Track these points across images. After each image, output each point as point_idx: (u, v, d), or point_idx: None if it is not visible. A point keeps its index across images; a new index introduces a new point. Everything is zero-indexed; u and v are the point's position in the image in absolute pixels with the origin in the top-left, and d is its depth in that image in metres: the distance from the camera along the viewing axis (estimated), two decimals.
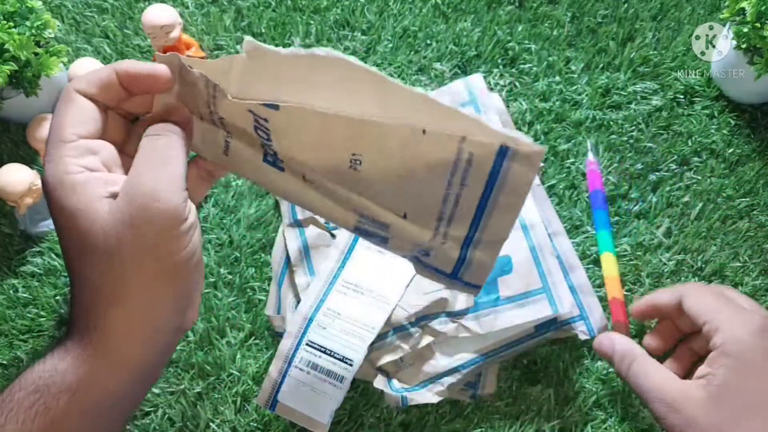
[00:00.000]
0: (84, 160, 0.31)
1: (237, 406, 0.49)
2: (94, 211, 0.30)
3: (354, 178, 0.34)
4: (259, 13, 0.62)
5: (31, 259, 0.54)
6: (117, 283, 0.30)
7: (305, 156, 0.35)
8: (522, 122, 0.57)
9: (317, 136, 0.33)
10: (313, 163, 0.35)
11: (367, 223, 0.36)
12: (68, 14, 0.62)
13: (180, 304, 0.33)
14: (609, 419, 0.49)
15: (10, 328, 0.52)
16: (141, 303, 0.31)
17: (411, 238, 0.35)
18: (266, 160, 0.37)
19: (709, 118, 0.58)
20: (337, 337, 0.46)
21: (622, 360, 0.44)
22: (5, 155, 0.57)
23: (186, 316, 0.34)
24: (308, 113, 0.32)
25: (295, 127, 0.33)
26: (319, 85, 0.31)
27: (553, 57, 0.60)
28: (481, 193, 0.32)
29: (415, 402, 0.47)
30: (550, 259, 0.48)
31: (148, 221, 0.29)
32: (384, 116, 0.31)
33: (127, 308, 0.31)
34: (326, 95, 0.31)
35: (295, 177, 0.36)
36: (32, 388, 0.31)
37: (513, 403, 0.49)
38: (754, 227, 0.54)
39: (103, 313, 0.31)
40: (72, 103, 0.32)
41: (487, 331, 0.46)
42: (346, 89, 0.30)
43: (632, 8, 0.61)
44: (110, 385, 0.32)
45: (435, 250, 0.35)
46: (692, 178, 0.56)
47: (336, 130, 0.32)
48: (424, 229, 0.34)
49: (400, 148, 0.32)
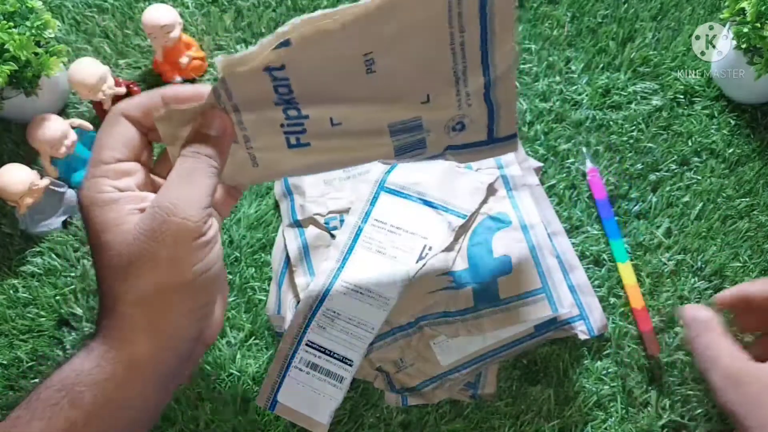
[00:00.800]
0: (118, 182, 0.35)
1: (237, 407, 0.49)
2: (122, 224, 0.33)
3: (374, 84, 0.37)
4: (259, 13, 0.62)
5: (31, 259, 0.54)
6: (136, 291, 0.33)
7: (327, 85, 0.36)
8: (522, 122, 0.57)
9: (332, 52, 0.35)
10: (336, 86, 0.37)
11: (402, 135, 0.39)
12: (68, 14, 0.62)
13: (197, 315, 0.35)
14: (609, 419, 0.49)
15: (10, 328, 0.52)
16: (157, 310, 0.33)
17: (443, 119, 0.39)
18: (291, 145, 0.39)
19: (709, 118, 0.58)
20: (337, 338, 0.46)
21: (693, 324, 0.43)
22: (5, 155, 0.57)
23: (206, 328, 0.37)
24: (317, 33, 0.34)
25: (310, 56, 0.35)
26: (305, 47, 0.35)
27: (553, 57, 0.60)
28: (479, 32, 0.36)
29: (414, 402, 0.47)
30: (550, 258, 0.48)
31: (166, 233, 0.32)
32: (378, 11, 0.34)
33: (144, 314, 0.33)
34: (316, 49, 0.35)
35: (323, 139, 0.39)
36: (58, 386, 0.33)
37: (513, 403, 0.49)
38: (754, 227, 0.54)
39: (122, 317, 0.33)
40: (116, 125, 0.35)
41: (487, 331, 0.46)
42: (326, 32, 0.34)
43: (632, 8, 0.61)
44: (130, 385, 0.34)
45: (467, 117, 0.39)
46: (692, 178, 0.56)
47: (343, 39, 0.34)
48: (449, 101, 0.38)
49: (399, 24, 0.34)
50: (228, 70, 0.34)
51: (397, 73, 0.36)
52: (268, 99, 0.36)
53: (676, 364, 0.51)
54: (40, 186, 0.52)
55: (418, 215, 0.50)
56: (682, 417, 0.49)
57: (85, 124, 0.56)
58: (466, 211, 0.49)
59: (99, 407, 0.33)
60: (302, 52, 0.35)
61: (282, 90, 0.36)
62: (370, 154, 0.40)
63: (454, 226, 0.49)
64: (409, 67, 0.37)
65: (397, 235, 0.49)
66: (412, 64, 0.36)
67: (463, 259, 0.48)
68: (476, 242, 0.48)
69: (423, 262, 0.48)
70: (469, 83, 0.38)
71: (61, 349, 0.51)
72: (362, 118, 0.38)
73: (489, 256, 0.48)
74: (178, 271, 0.33)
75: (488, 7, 0.35)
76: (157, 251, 0.32)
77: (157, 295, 0.33)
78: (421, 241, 0.49)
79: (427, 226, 0.49)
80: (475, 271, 0.48)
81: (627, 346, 0.51)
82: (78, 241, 0.55)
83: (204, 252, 0.34)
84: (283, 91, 0.36)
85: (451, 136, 0.40)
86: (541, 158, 0.56)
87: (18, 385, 0.50)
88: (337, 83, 0.36)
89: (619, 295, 0.52)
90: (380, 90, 0.37)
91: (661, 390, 0.50)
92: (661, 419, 0.49)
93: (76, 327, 0.52)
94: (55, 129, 0.52)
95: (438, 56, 0.36)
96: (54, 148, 0.53)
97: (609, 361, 0.51)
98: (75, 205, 0.56)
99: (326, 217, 0.51)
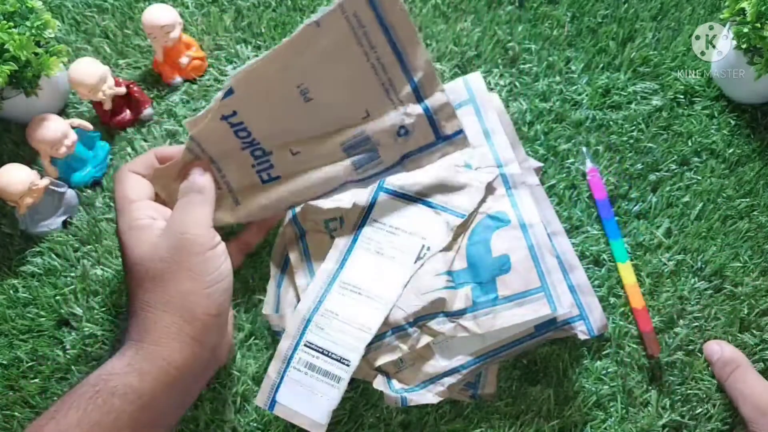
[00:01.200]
0: (149, 212, 0.43)
1: (237, 406, 0.49)
2: (148, 245, 0.40)
3: (315, 111, 0.43)
4: (259, 13, 0.62)
5: (31, 259, 0.54)
6: (162, 298, 0.39)
7: (276, 120, 0.43)
8: (522, 122, 0.57)
9: (270, 90, 0.41)
10: (284, 120, 0.43)
11: (354, 150, 0.45)
12: (68, 14, 0.62)
13: (216, 321, 0.41)
14: (609, 419, 0.49)
15: (10, 328, 0.52)
16: (180, 314, 0.39)
17: (387, 128, 0.44)
18: (264, 181, 0.46)
19: (709, 119, 0.58)
20: (335, 338, 0.46)
21: (726, 365, 0.49)
22: (5, 155, 0.57)
23: (221, 343, 0.43)
24: (251, 76, 0.41)
25: (253, 98, 0.42)
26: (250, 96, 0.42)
27: (553, 57, 0.60)
28: (388, 45, 0.41)
29: (414, 402, 0.47)
30: (549, 258, 0.48)
31: (181, 247, 0.40)
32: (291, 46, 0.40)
33: (169, 318, 0.39)
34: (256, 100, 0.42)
35: (289, 169, 0.45)
36: (94, 382, 0.38)
37: (513, 403, 0.49)
38: (754, 228, 0.54)
39: (149, 321, 0.39)
40: (130, 177, 0.44)
41: (486, 330, 0.46)
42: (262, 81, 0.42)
43: (632, 8, 0.61)
44: (156, 382, 0.38)
45: (407, 122, 0.44)
46: (692, 178, 0.56)
47: (274, 76, 0.41)
48: (386, 110, 0.44)
49: (314, 53, 0.41)
50: (192, 127, 0.42)
51: (330, 96, 0.42)
52: (235, 147, 0.44)
53: (676, 363, 0.51)
54: (40, 186, 0.52)
55: (416, 215, 0.50)
56: (683, 416, 0.49)
57: (85, 124, 0.56)
58: (465, 210, 0.49)
59: (129, 402, 0.37)
60: (246, 96, 0.42)
61: (242, 134, 0.43)
62: (333, 173, 0.45)
63: (453, 226, 0.49)
64: (339, 89, 0.42)
65: (396, 236, 0.49)
66: (341, 85, 0.42)
67: (461, 258, 0.48)
68: (475, 241, 0.48)
69: (421, 262, 0.48)
70: (398, 91, 0.43)
71: (60, 349, 0.51)
72: (315, 143, 0.44)
73: (488, 256, 0.48)
74: (196, 278, 0.39)
75: (385, 20, 0.40)
76: (178, 263, 0.39)
77: (181, 301, 0.39)
78: (420, 241, 0.49)
79: (426, 226, 0.49)
80: (474, 270, 0.48)
81: (627, 346, 0.51)
82: (78, 241, 0.55)
83: (216, 263, 0.41)
84: (243, 135, 0.43)
85: (399, 142, 0.45)
86: (541, 158, 0.56)
87: (18, 385, 0.50)
88: (283, 117, 0.43)
89: (619, 295, 0.52)
90: (322, 115, 0.43)
91: (661, 390, 0.50)
92: (661, 419, 0.49)
93: (76, 327, 0.52)
94: (55, 129, 0.52)
95: (361, 74, 0.42)
96: (54, 148, 0.53)
97: (609, 361, 0.51)
98: (75, 206, 0.56)
99: (326, 219, 0.51)
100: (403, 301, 0.47)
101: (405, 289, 0.47)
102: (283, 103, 0.42)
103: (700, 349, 0.51)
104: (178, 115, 0.58)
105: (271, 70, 0.41)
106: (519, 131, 0.56)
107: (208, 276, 0.40)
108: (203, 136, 0.43)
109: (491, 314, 0.46)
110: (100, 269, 0.53)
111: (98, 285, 0.53)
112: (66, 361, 0.51)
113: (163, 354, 0.39)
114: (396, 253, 0.49)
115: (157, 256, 0.40)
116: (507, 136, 0.52)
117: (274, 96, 0.42)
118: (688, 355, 0.51)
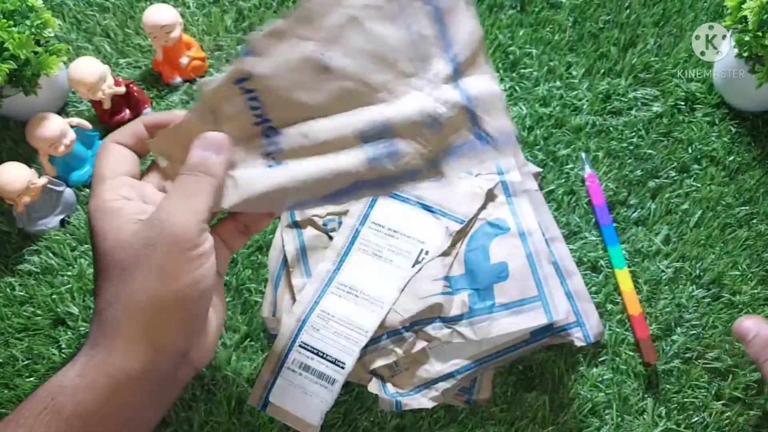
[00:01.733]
0: (122, 190, 0.36)
1: (231, 408, 0.49)
2: (121, 232, 0.34)
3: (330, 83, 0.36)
4: (260, 14, 0.62)
5: (28, 258, 0.54)
6: (126, 297, 0.33)
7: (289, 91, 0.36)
8: (522, 127, 0.57)
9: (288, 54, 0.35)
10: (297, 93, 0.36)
11: (372, 139, 0.36)
12: (69, 13, 0.62)
13: (185, 329, 0.35)
14: (604, 427, 0.49)
15: (6, 327, 0.52)
16: (145, 318, 0.33)
17: (412, 116, 0.35)
18: (269, 165, 0.38)
19: (709, 126, 0.58)
20: (330, 340, 0.46)
21: (764, 346, 0.43)
22: (4, 153, 0.57)
23: (194, 347, 0.36)
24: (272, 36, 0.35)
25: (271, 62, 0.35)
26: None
27: (554, 62, 0.60)
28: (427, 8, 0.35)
29: (409, 407, 0.47)
30: (547, 266, 0.48)
31: (160, 242, 0.33)
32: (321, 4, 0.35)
33: (131, 322, 0.33)
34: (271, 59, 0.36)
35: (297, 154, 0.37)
36: (44, 395, 0.33)
37: (508, 409, 0.49)
38: (753, 236, 0.54)
39: (108, 324, 0.33)
40: (109, 150, 0.37)
41: (482, 337, 0.46)
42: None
43: (634, 14, 0.61)
44: (110, 396, 0.33)
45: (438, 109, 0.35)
46: (692, 185, 0.56)
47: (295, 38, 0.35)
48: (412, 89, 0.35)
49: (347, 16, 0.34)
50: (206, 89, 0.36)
51: (350, 65, 0.35)
52: (246, 122, 0.37)
53: (672, 371, 0.50)
54: (38, 184, 0.52)
55: (415, 219, 0.50)
56: (679, 425, 0.49)
57: (84, 123, 0.56)
58: (464, 216, 0.49)
59: (78, 418, 0.33)
60: (264, 59, 0.35)
61: (254, 105, 0.37)
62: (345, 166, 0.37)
63: (452, 231, 0.49)
64: (361, 59, 0.35)
65: (394, 239, 0.49)
66: (363, 55, 0.35)
67: (459, 264, 0.48)
68: (473, 248, 0.48)
69: (419, 267, 0.48)
70: (431, 68, 0.35)
71: (56, 348, 0.51)
72: (328, 125, 0.37)
73: (486, 263, 0.47)
74: (168, 280, 0.33)
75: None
76: (150, 259, 0.33)
77: (147, 303, 0.33)
78: (418, 245, 0.49)
79: (425, 230, 0.49)
80: (472, 276, 0.47)
81: (624, 353, 0.51)
82: (75, 240, 0.55)
83: (196, 264, 0.34)
84: (255, 106, 0.37)
85: (426, 137, 0.36)
86: (540, 163, 0.56)
87: (13, 384, 0.50)
88: (298, 88, 0.36)
89: (617, 302, 0.52)
90: (338, 89, 0.36)
91: (658, 398, 0.50)
92: (657, 427, 0.49)
93: (72, 326, 0.52)
94: (54, 128, 0.52)
95: (392, 39, 0.35)
96: (53, 147, 0.53)
97: (605, 368, 0.51)
98: (73, 204, 0.56)
99: (324, 219, 0.51)
100: (400, 304, 0.47)
101: (402, 293, 0.47)
102: (299, 73, 0.36)
103: (697, 357, 0.51)
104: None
105: (292, 30, 0.35)
106: (518, 136, 0.56)
107: (181, 278, 0.33)
108: (217, 100, 0.36)
109: (487, 321, 0.46)
110: None
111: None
112: (61, 360, 0.51)
113: (117, 362, 0.33)
114: (394, 256, 0.48)
115: (129, 245, 0.33)
116: None
117: (292, 63, 0.36)
118: (686, 363, 0.50)
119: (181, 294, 0.33)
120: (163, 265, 0.33)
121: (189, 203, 0.35)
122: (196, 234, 0.34)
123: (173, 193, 0.35)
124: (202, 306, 0.35)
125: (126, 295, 0.33)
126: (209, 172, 0.36)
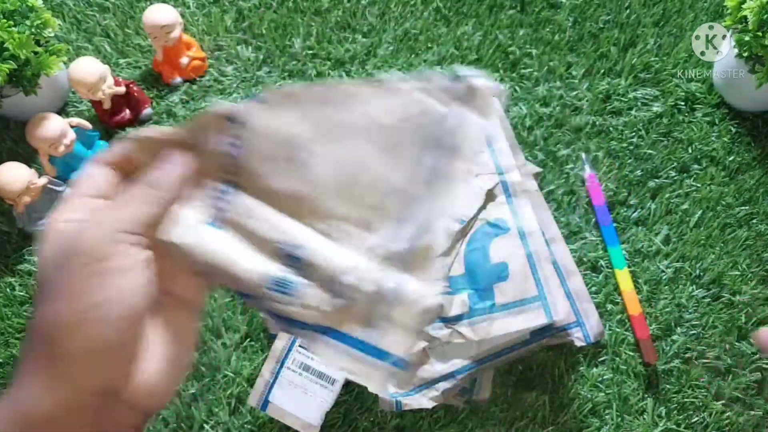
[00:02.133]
0: (73, 214, 0.31)
1: (231, 408, 0.49)
2: (51, 250, 0.29)
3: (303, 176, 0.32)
4: (260, 14, 0.62)
5: (28, 258, 0.54)
6: (36, 325, 0.29)
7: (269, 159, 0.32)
8: (522, 127, 0.57)
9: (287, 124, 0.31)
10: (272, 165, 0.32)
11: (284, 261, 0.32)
12: (69, 13, 0.62)
13: (99, 360, 0.29)
14: (604, 426, 0.49)
15: (6, 326, 0.52)
16: (49, 349, 0.28)
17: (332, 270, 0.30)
18: (211, 223, 0.33)
19: (709, 126, 0.58)
20: None
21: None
22: (4, 153, 0.57)
23: (127, 384, 0.30)
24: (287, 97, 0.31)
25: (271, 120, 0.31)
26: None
27: (554, 62, 0.60)
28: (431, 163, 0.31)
29: (409, 407, 0.47)
30: (547, 266, 0.48)
31: (66, 257, 0.28)
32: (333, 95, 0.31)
33: (37, 355, 0.28)
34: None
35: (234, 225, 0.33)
36: None
37: (508, 409, 0.49)
38: (753, 236, 0.54)
39: (22, 357, 0.29)
40: (89, 169, 0.33)
41: (482, 337, 0.46)
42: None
43: (634, 14, 0.61)
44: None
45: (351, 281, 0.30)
46: (692, 185, 0.56)
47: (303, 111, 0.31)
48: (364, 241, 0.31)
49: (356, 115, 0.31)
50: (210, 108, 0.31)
51: (321, 177, 0.31)
52: (217, 164, 0.32)
53: (672, 371, 0.50)
54: (38, 184, 0.52)
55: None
56: (678, 425, 0.49)
57: (84, 123, 0.56)
58: (464, 216, 0.49)
59: None
60: (267, 115, 0.31)
61: (234, 151, 0.32)
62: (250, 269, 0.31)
63: (452, 231, 0.49)
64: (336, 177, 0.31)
65: None
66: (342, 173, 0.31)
67: (459, 264, 0.48)
68: (474, 248, 0.48)
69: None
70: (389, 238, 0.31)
71: None
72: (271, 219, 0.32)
73: (486, 263, 0.47)
74: (71, 299, 0.28)
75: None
76: (55, 278, 0.28)
77: (48, 327, 0.28)
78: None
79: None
80: (472, 276, 0.47)
81: (624, 353, 0.51)
82: None
83: (107, 281, 0.28)
84: (234, 152, 0.32)
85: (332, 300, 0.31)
86: (540, 163, 0.56)
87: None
88: (271, 163, 0.32)
89: (617, 302, 0.52)
90: (297, 192, 0.31)
91: (658, 397, 0.50)
92: (657, 427, 0.49)
93: None
94: (54, 128, 0.52)
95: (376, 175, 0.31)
96: (53, 147, 0.53)
97: (605, 368, 0.51)
98: None
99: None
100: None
101: None
102: (281, 150, 0.32)
103: (697, 357, 0.51)
104: (177, 115, 0.58)
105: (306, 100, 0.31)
106: (518, 136, 0.56)
107: (86, 297, 0.28)
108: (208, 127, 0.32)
109: (487, 321, 0.46)
110: None
111: None
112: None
113: (26, 401, 0.28)
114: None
115: (43, 267, 0.29)
116: (507, 141, 0.52)
117: (280, 136, 0.32)
118: (685, 363, 0.51)
119: (87, 316, 0.28)
120: (68, 283, 0.28)
121: (112, 213, 0.30)
122: (107, 244, 0.28)
123: (106, 206, 0.31)
124: (121, 331, 0.29)
125: (36, 322, 0.28)
126: (154, 183, 0.31)
